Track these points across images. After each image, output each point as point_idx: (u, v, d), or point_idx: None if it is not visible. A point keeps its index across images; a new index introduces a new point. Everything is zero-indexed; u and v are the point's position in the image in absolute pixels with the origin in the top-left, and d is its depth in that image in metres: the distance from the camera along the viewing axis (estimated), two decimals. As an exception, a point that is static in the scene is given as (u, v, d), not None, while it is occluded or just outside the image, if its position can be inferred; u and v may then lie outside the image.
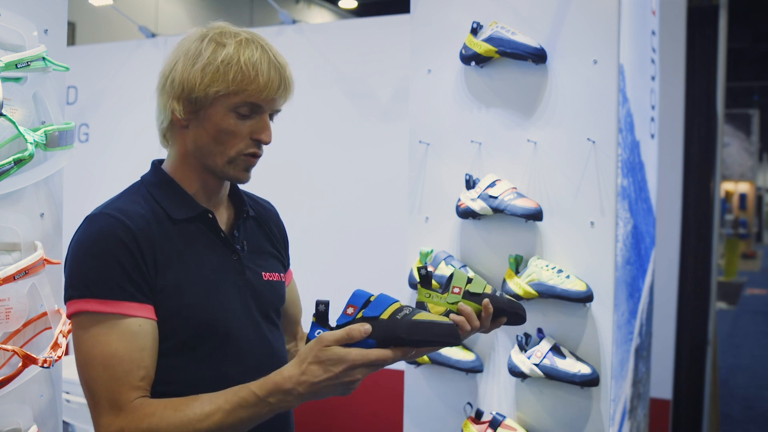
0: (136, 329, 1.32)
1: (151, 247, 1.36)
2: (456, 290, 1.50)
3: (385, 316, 1.27)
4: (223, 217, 1.53)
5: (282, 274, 1.61)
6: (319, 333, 1.29)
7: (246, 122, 1.41)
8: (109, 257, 1.32)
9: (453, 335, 1.27)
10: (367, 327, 1.25)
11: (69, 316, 1.35)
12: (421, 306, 1.54)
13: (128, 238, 1.34)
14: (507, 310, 1.53)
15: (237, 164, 1.43)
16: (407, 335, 1.25)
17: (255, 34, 1.44)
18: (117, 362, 1.30)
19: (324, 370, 1.22)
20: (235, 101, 1.39)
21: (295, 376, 1.24)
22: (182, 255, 1.40)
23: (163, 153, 1.53)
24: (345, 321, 1.29)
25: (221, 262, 1.46)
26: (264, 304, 1.52)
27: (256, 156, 1.44)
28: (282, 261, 1.64)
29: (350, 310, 1.30)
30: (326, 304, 1.31)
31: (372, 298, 1.30)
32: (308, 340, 1.30)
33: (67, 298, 1.34)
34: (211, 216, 1.47)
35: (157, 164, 1.51)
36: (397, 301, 1.31)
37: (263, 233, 1.61)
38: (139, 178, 1.51)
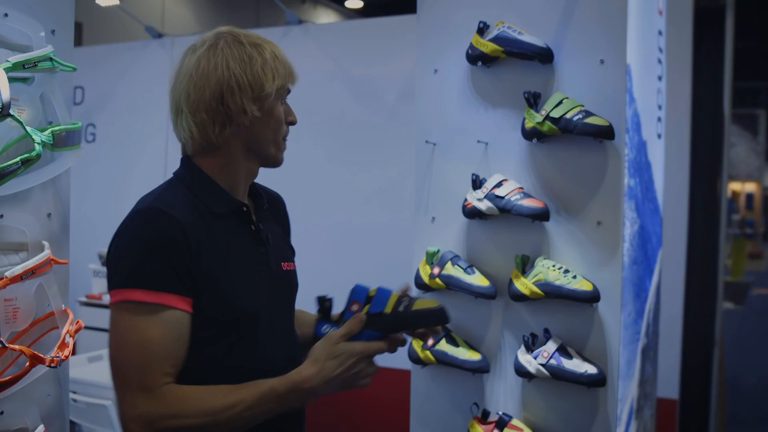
0: (174, 320, 1.38)
1: (197, 241, 1.41)
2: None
3: (388, 309, 1.41)
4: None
5: (294, 263, 1.68)
6: (326, 329, 1.43)
7: (283, 109, 1.55)
8: (160, 251, 1.38)
9: (445, 318, 1.48)
10: (361, 317, 1.40)
11: (112, 303, 1.41)
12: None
13: (178, 232, 1.39)
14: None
15: (281, 148, 1.57)
16: (410, 326, 1.45)
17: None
18: (153, 347, 1.36)
19: (338, 364, 1.37)
20: (282, 92, 1.53)
21: (314, 376, 1.36)
22: (223, 248, 1.46)
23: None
24: (351, 317, 1.42)
25: (254, 255, 1.52)
26: (287, 293, 1.60)
27: None
28: (293, 249, 1.72)
29: (354, 307, 1.43)
30: (331, 300, 1.45)
31: (372, 293, 1.43)
32: (316, 336, 1.44)
33: (114, 286, 1.40)
34: (245, 209, 1.53)
35: (188, 161, 1.54)
36: (393, 291, 1.45)
37: (278, 224, 1.68)
38: (172, 175, 1.54)
